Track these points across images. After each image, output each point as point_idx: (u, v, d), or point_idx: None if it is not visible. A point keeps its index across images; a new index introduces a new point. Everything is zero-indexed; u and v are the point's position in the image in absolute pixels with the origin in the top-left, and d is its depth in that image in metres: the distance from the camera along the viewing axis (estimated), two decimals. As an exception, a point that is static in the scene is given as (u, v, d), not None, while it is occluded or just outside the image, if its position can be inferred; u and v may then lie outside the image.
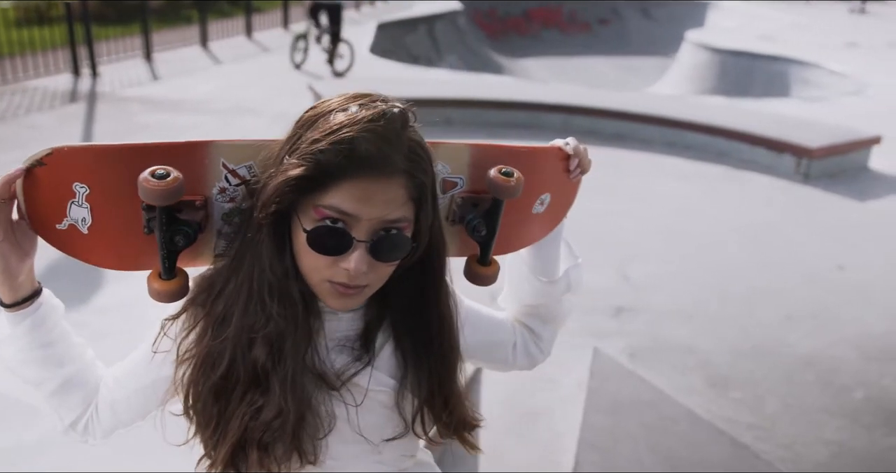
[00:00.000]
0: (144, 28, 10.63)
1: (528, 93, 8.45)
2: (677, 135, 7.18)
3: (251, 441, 0.94)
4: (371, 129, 0.86)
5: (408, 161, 0.89)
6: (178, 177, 0.90)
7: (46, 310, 0.99)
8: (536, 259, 1.15)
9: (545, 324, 1.20)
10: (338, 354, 1.00)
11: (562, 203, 1.15)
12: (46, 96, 8.30)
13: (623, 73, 16.67)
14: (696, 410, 3.16)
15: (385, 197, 0.88)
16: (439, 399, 1.03)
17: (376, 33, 13.66)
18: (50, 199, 0.94)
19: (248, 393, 0.94)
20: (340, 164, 0.85)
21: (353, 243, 0.88)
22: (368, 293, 0.96)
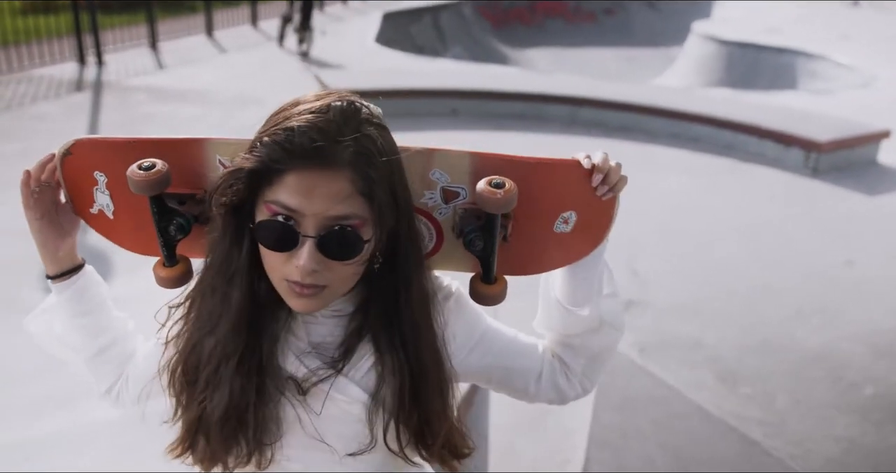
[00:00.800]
0: (150, 17, 10.60)
1: (534, 84, 8.42)
2: (683, 127, 7.15)
3: (203, 431, 0.99)
4: (311, 121, 0.85)
5: (354, 154, 0.86)
6: (162, 169, 0.96)
7: (86, 284, 1.10)
8: (566, 284, 1.06)
9: (577, 357, 1.10)
10: (312, 358, 0.99)
11: (595, 223, 1.03)
12: (52, 85, 8.28)
13: (628, 64, 16.58)
14: (706, 406, 3.15)
15: (327, 190, 0.85)
16: (415, 417, 0.98)
17: (381, 23, 13.60)
18: (81, 186, 1.06)
19: (207, 384, 0.98)
20: (281, 157, 0.85)
21: (300, 238, 0.87)
22: (331, 296, 0.93)
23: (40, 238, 1.06)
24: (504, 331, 1.11)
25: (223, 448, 0.99)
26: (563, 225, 1.02)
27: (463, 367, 1.06)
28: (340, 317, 1.00)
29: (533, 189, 0.99)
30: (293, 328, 1.00)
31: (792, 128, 6.67)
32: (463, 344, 1.06)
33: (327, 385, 0.98)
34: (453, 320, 1.05)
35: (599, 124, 7.36)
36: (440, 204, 1.02)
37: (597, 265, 1.05)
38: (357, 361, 0.99)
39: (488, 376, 1.10)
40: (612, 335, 1.08)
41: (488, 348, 1.08)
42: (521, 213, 1.00)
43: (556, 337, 1.10)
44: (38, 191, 1.04)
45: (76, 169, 1.05)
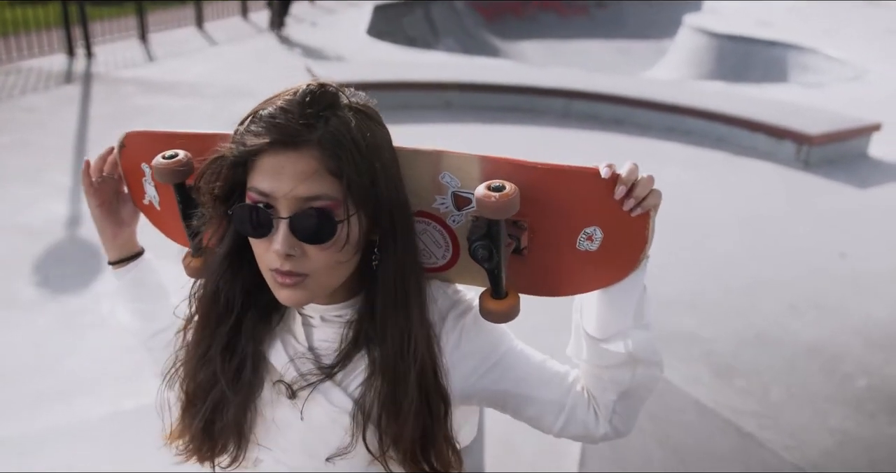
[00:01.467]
0: (139, 8, 10.48)
1: (528, 77, 8.41)
2: (677, 120, 7.16)
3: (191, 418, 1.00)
4: (280, 105, 0.86)
5: (323, 134, 0.85)
6: (183, 159, 0.99)
7: (143, 272, 1.16)
8: (594, 311, 0.97)
9: (607, 392, 1.00)
10: (305, 362, 0.97)
11: (625, 244, 0.92)
12: (41, 77, 8.21)
13: (620, 56, 16.57)
14: (702, 400, 3.17)
15: (293, 170, 0.85)
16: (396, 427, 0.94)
17: (373, 15, 13.54)
18: (135, 177, 1.12)
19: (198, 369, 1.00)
20: (252, 142, 0.86)
21: (273, 221, 0.86)
22: (316, 287, 0.90)
23: (98, 225, 1.13)
24: (530, 357, 1.03)
25: (205, 434, 0.99)
26: (588, 242, 0.93)
27: (474, 390, 1.00)
28: (341, 323, 0.98)
29: (549, 198, 0.92)
30: (293, 329, 1.00)
31: (784, 122, 6.69)
32: (477, 365, 1.00)
33: (316, 390, 0.96)
34: (468, 339, 0.99)
35: (593, 117, 7.36)
36: (452, 210, 0.97)
37: (631, 293, 0.94)
38: (352, 370, 0.97)
39: (503, 403, 1.03)
40: (647, 372, 0.98)
41: (505, 373, 1.00)
42: (538, 225, 0.94)
43: (587, 368, 1.01)
44: (98, 182, 1.10)
45: (129, 160, 1.11)
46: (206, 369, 0.98)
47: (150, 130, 1.08)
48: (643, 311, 0.95)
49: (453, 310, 1.00)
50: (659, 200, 0.91)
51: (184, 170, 0.99)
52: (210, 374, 0.98)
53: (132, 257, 1.15)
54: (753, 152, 6.65)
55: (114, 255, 1.15)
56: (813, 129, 6.47)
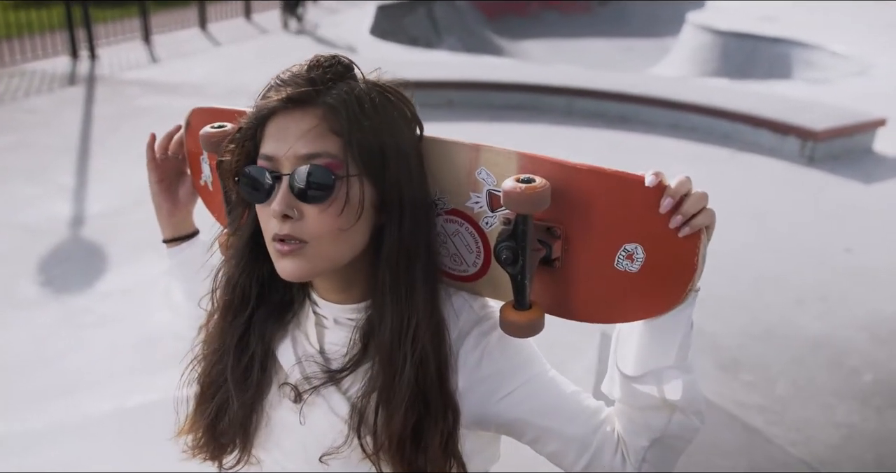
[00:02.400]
0: (143, 10, 10.51)
1: (531, 75, 8.39)
2: (681, 117, 7.14)
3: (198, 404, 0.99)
4: (292, 71, 0.86)
5: (328, 94, 0.83)
6: (229, 131, 0.94)
7: (195, 253, 1.15)
8: (629, 344, 0.88)
9: (637, 436, 0.90)
10: (312, 364, 0.94)
11: (670, 269, 0.82)
12: (45, 79, 8.23)
13: (623, 54, 16.55)
14: (707, 393, 3.14)
15: (297, 129, 0.83)
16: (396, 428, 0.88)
17: (376, 15, 13.55)
18: (195, 156, 1.12)
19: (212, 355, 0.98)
20: (262, 108, 0.85)
21: (272, 180, 0.84)
22: (316, 257, 0.85)
23: (155, 200, 1.14)
24: (559, 387, 0.94)
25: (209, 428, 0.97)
26: (627, 261, 0.84)
27: (490, 415, 0.92)
28: (352, 328, 0.94)
29: (588, 205, 0.84)
30: (307, 330, 0.96)
31: (788, 117, 6.66)
32: (496, 388, 0.91)
33: (318, 395, 0.93)
34: (491, 360, 0.91)
35: (597, 115, 7.34)
36: (486, 210, 0.90)
37: (675, 328, 0.85)
38: (359, 378, 0.91)
39: (520, 432, 0.94)
40: (685, 421, 0.88)
41: (527, 400, 0.92)
42: (573, 235, 0.86)
43: (621, 407, 0.92)
44: (161, 159, 1.11)
45: (192, 138, 1.10)
46: (219, 364, 0.96)
47: (215, 106, 1.06)
48: (686, 352, 0.87)
49: (477, 327, 0.92)
50: (712, 221, 0.82)
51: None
52: (221, 370, 0.96)
53: (186, 237, 1.16)
54: (758, 148, 6.63)
55: (167, 233, 1.16)
56: (817, 125, 6.44)
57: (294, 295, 0.98)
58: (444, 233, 0.94)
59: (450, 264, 0.95)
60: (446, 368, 0.89)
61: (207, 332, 0.99)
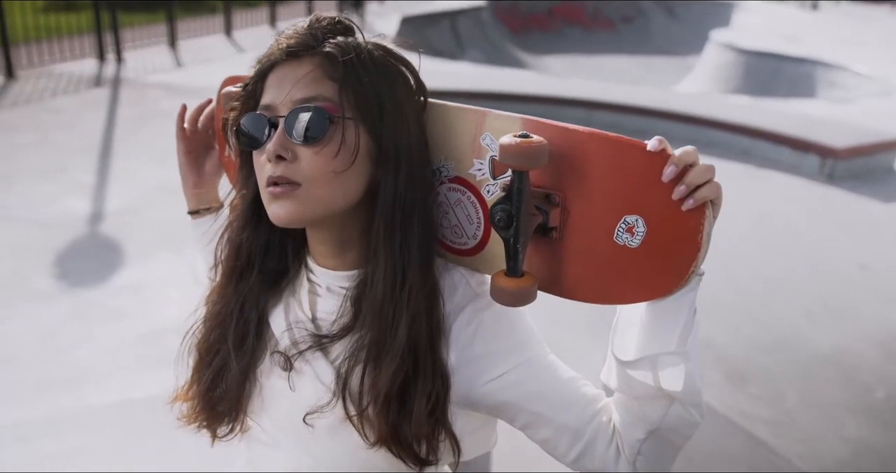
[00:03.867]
0: (169, 16, 10.67)
1: (550, 87, 8.41)
2: (699, 132, 7.11)
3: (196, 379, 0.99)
4: (294, 28, 0.88)
5: (327, 43, 0.85)
6: None
7: (218, 225, 1.10)
8: (626, 327, 0.85)
9: (632, 428, 0.86)
10: (301, 330, 0.93)
11: (672, 246, 0.78)
12: (71, 80, 8.36)
13: (646, 72, 16.55)
14: (713, 404, 3.12)
15: (295, 76, 0.85)
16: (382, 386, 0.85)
17: (399, 27, 13.65)
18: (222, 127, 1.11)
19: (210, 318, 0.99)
20: (264, 61, 0.88)
21: (268, 124, 0.85)
22: (309, 199, 0.84)
23: (182, 172, 1.15)
24: (556, 372, 0.90)
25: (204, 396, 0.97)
26: (627, 235, 0.80)
27: (479, 396, 0.90)
28: (344, 296, 0.92)
29: (588, 171, 0.81)
30: (300, 296, 0.96)
31: (808, 135, 6.62)
32: (487, 369, 0.88)
33: (304, 360, 0.92)
34: (483, 339, 0.88)
35: (615, 128, 7.18)
36: (489, 178, 0.88)
37: (676, 312, 0.80)
38: (347, 344, 0.90)
39: (512, 416, 0.91)
40: (683, 414, 0.83)
41: (520, 384, 0.88)
42: (572, 204, 0.83)
43: (619, 397, 0.88)
44: (191, 131, 1.12)
45: (221, 108, 1.08)
46: (218, 330, 0.96)
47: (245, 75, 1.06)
48: (687, 338, 0.80)
49: (473, 304, 0.89)
50: (718, 196, 0.78)
51: None
52: (219, 336, 0.96)
53: (209, 209, 1.17)
54: (777, 165, 6.58)
55: (192, 205, 1.17)
56: (838, 143, 6.39)
57: (290, 262, 0.98)
58: (446, 202, 0.93)
59: (451, 237, 0.94)
60: (438, 333, 0.87)
61: (209, 297, 0.99)
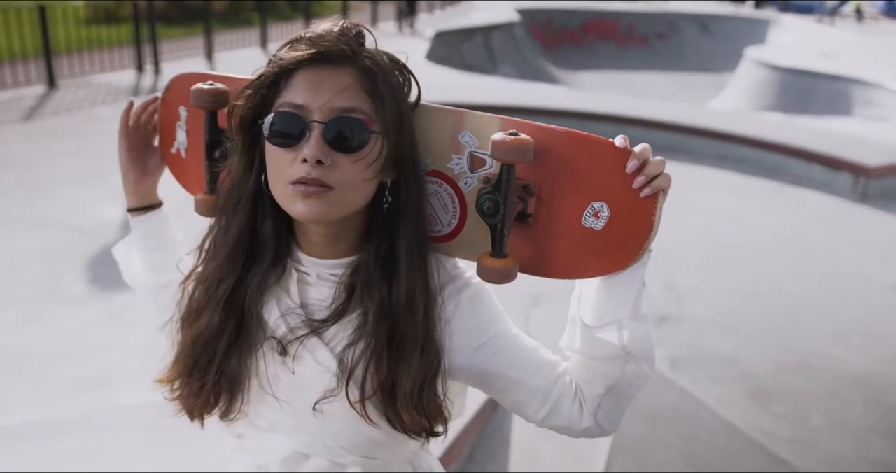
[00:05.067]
0: (207, 29, 10.88)
1: (579, 102, 8.42)
2: (729, 148, 7.06)
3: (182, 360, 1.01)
4: (323, 29, 0.91)
5: (359, 55, 0.90)
6: (222, 88, 1.03)
7: (159, 223, 1.17)
8: (592, 298, 0.95)
9: (594, 385, 0.97)
10: (295, 318, 0.97)
11: (631, 227, 0.90)
12: (111, 90, 8.55)
13: (679, 88, 16.48)
14: (735, 422, 3.09)
15: (332, 84, 0.88)
16: (385, 369, 0.93)
17: (433, 41, 13.77)
18: (169, 122, 1.14)
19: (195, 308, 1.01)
20: (291, 58, 0.89)
21: (306, 126, 0.88)
22: (339, 201, 0.89)
23: (123, 168, 1.15)
24: (522, 342, 1.01)
25: (194, 384, 0.99)
26: (594, 218, 0.91)
27: (461, 367, 0.99)
28: (334, 282, 0.97)
29: (561, 164, 0.92)
30: (288, 286, 0.99)
31: (841, 153, 6.55)
32: (467, 342, 0.98)
33: (303, 347, 0.96)
34: (462, 316, 0.98)
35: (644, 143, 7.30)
36: (466, 171, 0.97)
37: (630, 286, 0.92)
38: (344, 329, 0.96)
39: (489, 383, 1.01)
40: (638, 369, 0.95)
41: (496, 353, 0.99)
42: (547, 193, 0.93)
43: (578, 359, 0.99)
44: (133, 127, 1.13)
45: (169, 105, 1.13)
46: (208, 316, 0.98)
47: (198, 72, 1.10)
48: (640, 304, 0.92)
49: (451, 284, 0.98)
50: (668, 184, 0.90)
51: (220, 97, 1.03)
52: (209, 323, 0.98)
53: (150, 207, 1.17)
54: (808, 182, 6.51)
55: (133, 202, 1.17)
56: (871, 161, 6.31)
57: (277, 251, 1.00)
58: None
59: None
60: (436, 321, 0.96)
61: (197, 284, 1.01)
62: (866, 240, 5.38)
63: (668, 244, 4.96)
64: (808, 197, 6.23)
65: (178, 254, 1.16)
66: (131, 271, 1.20)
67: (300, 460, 1.02)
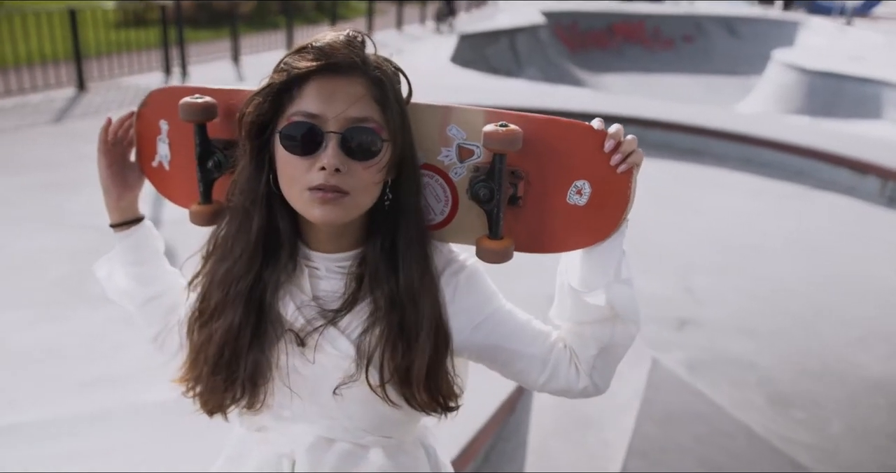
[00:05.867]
0: (233, 32, 11.00)
1: (603, 104, 8.39)
2: (754, 152, 7.00)
3: (203, 359, 1.04)
4: (330, 38, 0.95)
5: (368, 65, 0.95)
6: (209, 101, 1.06)
7: (143, 236, 1.19)
8: (579, 267, 1.02)
9: (587, 348, 1.05)
10: (310, 310, 1.02)
11: (611, 200, 0.99)
12: (138, 92, 8.66)
13: (706, 91, 16.35)
14: (754, 427, 3.07)
15: (346, 93, 0.93)
16: (400, 353, 0.99)
17: (458, 44, 13.78)
18: (148, 136, 1.16)
19: (214, 309, 1.03)
20: (304, 67, 0.93)
21: (324, 136, 0.93)
22: (353, 205, 0.95)
23: (104, 184, 1.16)
24: (517, 315, 1.08)
25: (218, 381, 1.03)
26: (577, 196, 1.00)
27: (465, 344, 1.06)
28: (343, 274, 1.03)
29: (545, 149, 0.99)
30: (299, 281, 1.03)
31: (868, 156, 6.46)
32: (469, 320, 1.05)
33: (322, 338, 1.01)
34: (461, 295, 1.05)
35: (668, 146, 7.27)
36: (455, 162, 1.03)
37: (611, 253, 1.00)
38: (357, 316, 1.01)
39: (492, 357, 1.08)
40: (626, 328, 1.03)
41: (495, 328, 1.06)
42: (534, 177, 1.01)
43: (569, 326, 1.07)
44: (111, 143, 1.15)
45: (147, 119, 1.15)
46: (229, 315, 1.01)
47: (175, 86, 1.13)
48: (622, 270, 1.00)
49: (448, 268, 1.05)
50: (641, 160, 0.98)
51: (209, 110, 1.06)
52: (230, 321, 1.01)
53: (133, 221, 1.19)
54: (834, 186, 6.44)
55: (115, 217, 1.18)
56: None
57: (286, 249, 1.03)
58: None
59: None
60: (444, 305, 1.03)
61: (211, 285, 1.03)
62: (893, 245, 5.31)
63: (690, 247, 4.95)
64: (834, 200, 6.16)
65: (165, 267, 1.21)
66: (116, 286, 1.21)
67: (325, 446, 1.07)
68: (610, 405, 3.08)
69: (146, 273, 1.19)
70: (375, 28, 15.23)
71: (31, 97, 8.13)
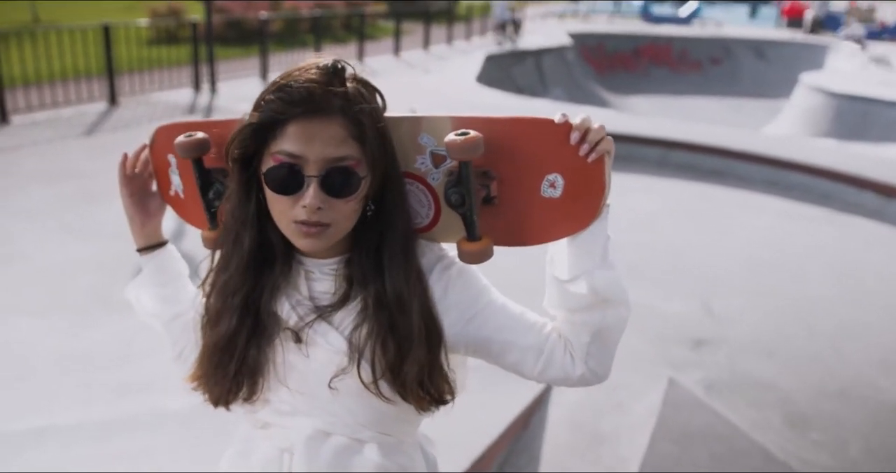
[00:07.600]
0: (262, 49, 11.20)
1: (627, 125, 8.40)
2: (779, 174, 6.97)
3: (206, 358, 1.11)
4: (306, 77, 0.98)
5: (344, 101, 0.98)
6: (200, 137, 1.13)
7: (167, 259, 1.28)
8: (563, 257, 1.05)
9: (580, 335, 1.07)
10: (304, 307, 1.08)
11: (586, 190, 1.00)
12: (168, 107, 8.84)
13: (733, 114, 16.30)
14: (771, 448, 3.04)
15: (324, 135, 0.97)
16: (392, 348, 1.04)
17: (484, 64, 13.88)
18: (163, 169, 1.25)
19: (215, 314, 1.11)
20: (282, 109, 0.97)
21: (305, 179, 0.98)
22: (335, 233, 1.02)
23: (128, 213, 1.25)
24: (510, 307, 1.11)
25: (217, 377, 1.10)
26: (551, 189, 1.02)
27: (459, 337, 1.09)
28: (335, 275, 1.09)
29: (513, 148, 1.02)
30: (296, 282, 1.10)
31: (894, 179, 6.40)
32: (461, 314, 1.09)
33: (315, 332, 1.07)
34: (453, 290, 1.09)
35: (691, 167, 7.26)
36: (431, 168, 1.08)
37: (595, 237, 1.02)
38: (349, 314, 1.07)
39: (486, 349, 1.11)
40: (616, 313, 1.05)
41: (488, 321, 1.09)
42: (505, 175, 1.04)
43: (562, 314, 1.09)
44: (131, 176, 1.24)
45: (158, 154, 1.24)
46: (226, 321, 1.09)
47: (176, 122, 1.21)
48: (607, 254, 1.03)
49: (439, 264, 1.10)
50: (611, 147, 1.00)
51: (201, 146, 1.13)
52: (227, 327, 1.09)
53: (157, 246, 1.28)
54: (860, 210, 6.38)
55: (141, 243, 1.28)
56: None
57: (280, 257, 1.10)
58: None
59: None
60: (433, 304, 1.07)
61: (213, 292, 1.11)
62: (918, 269, 5.25)
63: (710, 267, 4.94)
64: (859, 223, 6.11)
65: (187, 286, 1.29)
66: (144, 308, 1.30)
67: (322, 438, 1.11)
68: (625, 422, 3.07)
69: (170, 294, 1.28)
70: (403, 48, 15.39)
71: (64, 111, 8.33)
